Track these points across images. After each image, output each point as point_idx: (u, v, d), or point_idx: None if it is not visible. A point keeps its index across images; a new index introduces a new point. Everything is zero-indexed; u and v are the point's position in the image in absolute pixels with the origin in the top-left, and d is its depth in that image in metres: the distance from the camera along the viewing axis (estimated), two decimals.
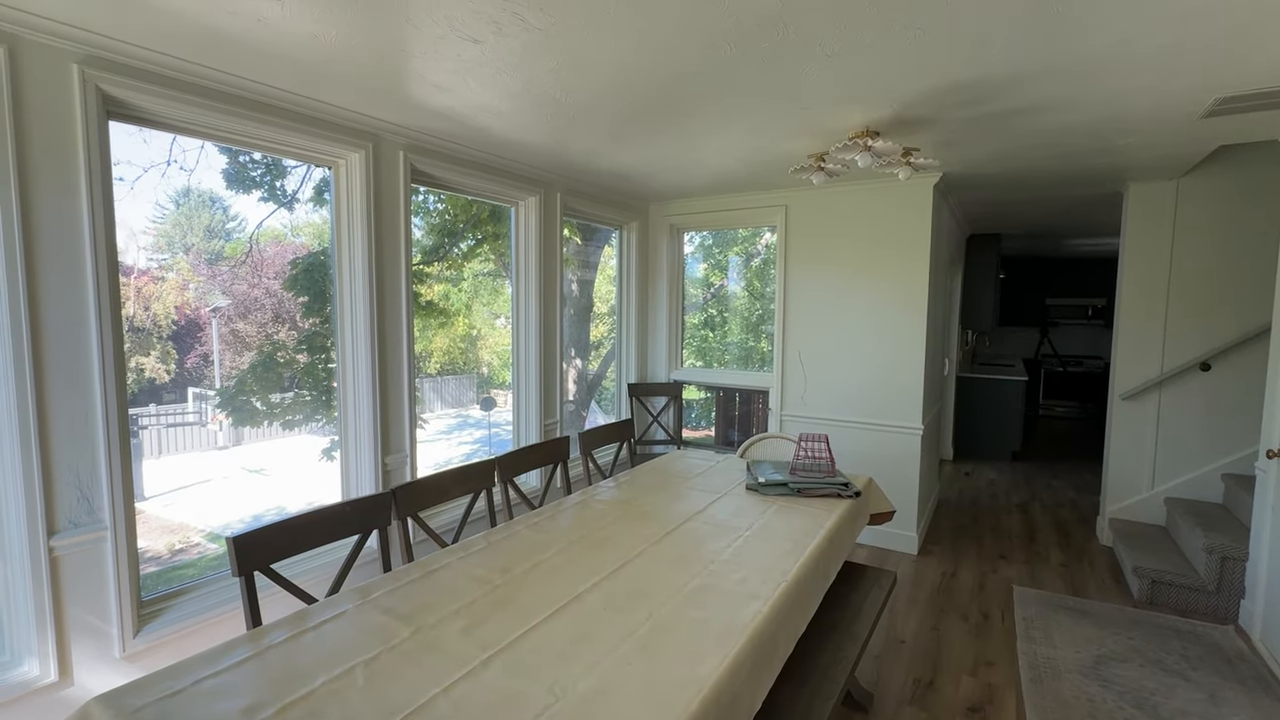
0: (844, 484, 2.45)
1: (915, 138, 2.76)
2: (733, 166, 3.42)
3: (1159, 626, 2.86)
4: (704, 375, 4.68)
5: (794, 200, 3.94)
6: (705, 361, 4.92)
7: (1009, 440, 6.07)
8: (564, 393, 5.26)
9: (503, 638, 1.37)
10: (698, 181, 3.86)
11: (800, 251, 3.96)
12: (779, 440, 3.19)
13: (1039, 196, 4.26)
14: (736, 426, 5.03)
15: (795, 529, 2.10)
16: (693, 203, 4.36)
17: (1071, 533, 4.11)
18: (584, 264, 4.90)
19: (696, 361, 4.91)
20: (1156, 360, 3.69)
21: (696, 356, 4.99)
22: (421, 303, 4.01)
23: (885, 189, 3.61)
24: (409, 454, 2.77)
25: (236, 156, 2.80)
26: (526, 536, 1.97)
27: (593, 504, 2.31)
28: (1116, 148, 2.91)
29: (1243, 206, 3.43)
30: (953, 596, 3.17)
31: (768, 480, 2.49)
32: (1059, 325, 8.43)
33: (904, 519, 3.68)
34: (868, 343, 3.75)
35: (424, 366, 4.11)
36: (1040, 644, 2.70)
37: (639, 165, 3.41)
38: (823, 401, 3.93)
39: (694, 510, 2.25)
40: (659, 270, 4.58)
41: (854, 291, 3.78)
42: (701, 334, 5.23)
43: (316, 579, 2.15)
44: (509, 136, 2.79)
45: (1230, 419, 3.53)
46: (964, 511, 4.54)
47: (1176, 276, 3.62)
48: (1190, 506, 3.49)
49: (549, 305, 3.61)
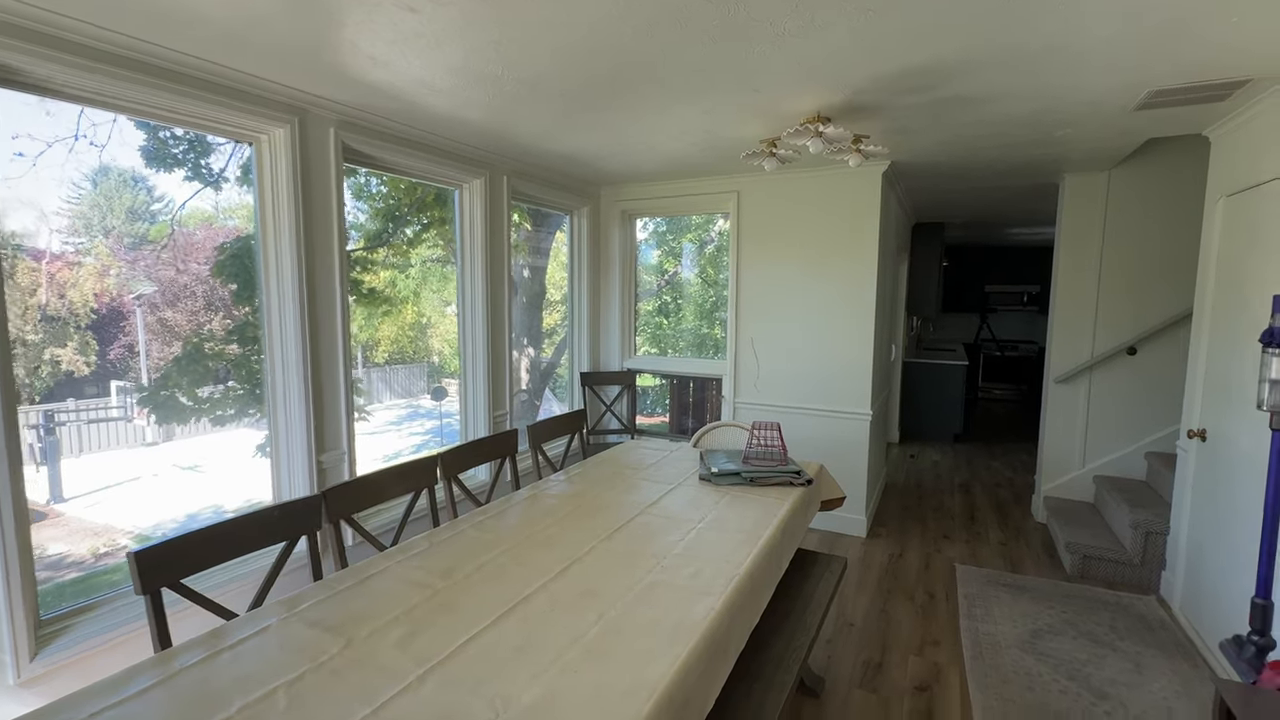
0: (796, 472, 2.45)
1: (866, 125, 2.76)
2: (685, 151, 3.36)
3: (1089, 599, 3.00)
4: (657, 363, 4.64)
5: (746, 187, 3.92)
6: (660, 349, 4.88)
7: (951, 423, 6.29)
8: (517, 382, 5.15)
9: (442, 648, 1.28)
10: (649, 166, 3.79)
11: (752, 238, 3.94)
12: (732, 429, 3.18)
13: (982, 186, 4.37)
14: (691, 414, 5.02)
15: (748, 519, 2.08)
16: (645, 188, 4.28)
17: (1009, 511, 4.28)
18: (535, 250, 4.77)
19: (652, 349, 4.87)
20: (1088, 345, 3.86)
21: (652, 344, 4.95)
22: (364, 290, 3.83)
23: (835, 176, 3.62)
24: (347, 450, 2.63)
25: (156, 132, 2.56)
26: (471, 536, 1.88)
27: (542, 499, 2.24)
28: (1055, 139, 2.99)
29: (1167, 198, 3.60)
30: (900, 577, 3.25)
31: (721, 470, 2.47)
32: (997, 311, 8.78)
33: (853, 503, 3.75)
34: (818, 330, 3.78)
35: (372, 356, 3.94)
36: (981, 621, 2.79)
37: (588, 148, 3.31)
38: (775, 389, 3.95)
39: (646, 503, 2.21)
40: (611, 257, 4.49)
41: (805, 278, 3.79)
42: (656, 321, 5.19)
43: (239, 591, 2.01)
44: (451, 115, 2.65)
45: (1153, 400, 3.73)
46: (910, 493, 4.68)
47: (1107, 265, 3.78)
48: (1117, 484, 3.68)
49: (497, 292, 3.48)
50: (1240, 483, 2.38)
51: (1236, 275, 2.51)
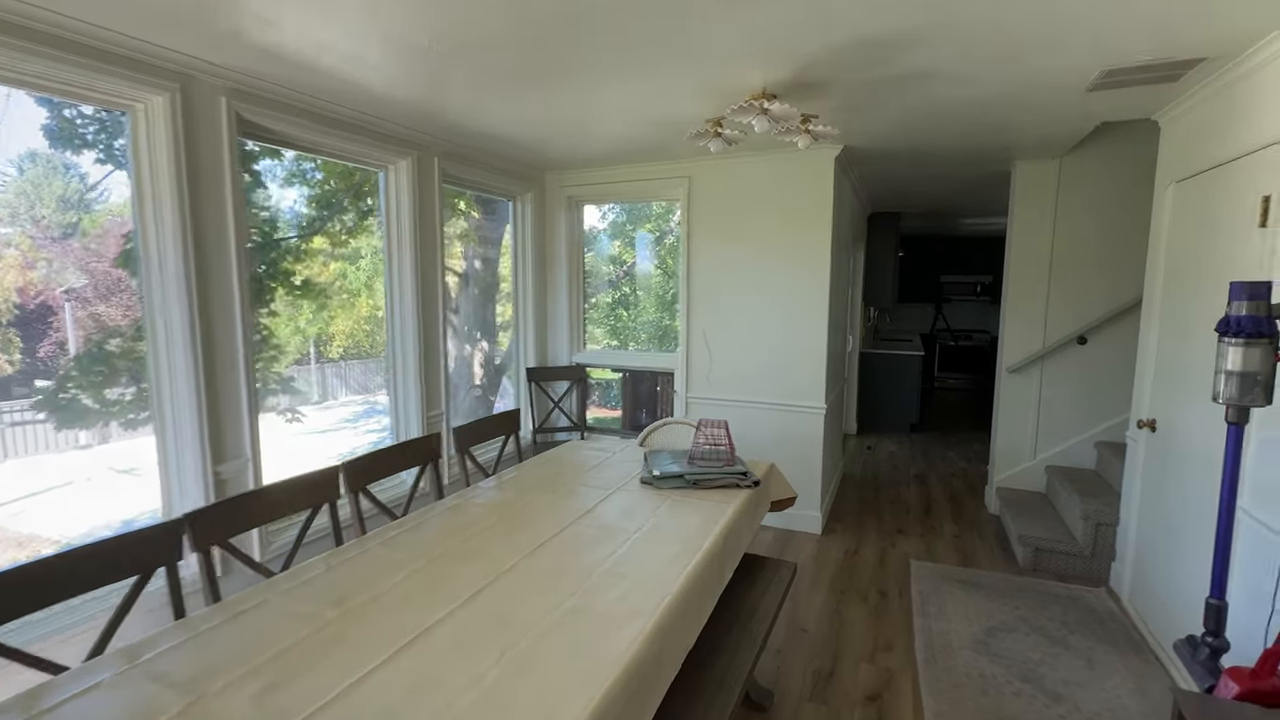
0: (742, 473, 2.31)
1: (815, 104, 2.62)
2: (630, 133, 3.17)
3: (1041, 593, 2.96)
4: (607, 357, 4.46)
5: (697, 172, 3.75)
6: (620, 341, 4.70)
7: (908, 413, 6.29)
8: (470, 377, 4.90)
9: (314, 699, 1.08)
10: (595, 149, 3.58)
11: (704, 226, 3.79)
12: (681, 427, 3.02)
13: (936, 175, 4.30)
14: (645, 409, 4.86)
15: (689, 527, 1.92)
16: (591, 173, 4.08)
17: (963, 503, 4.26)
18: (486, 240, 4.52)
19: (612, 341, 4.69)
20: (1039, 334, 3.83)
21: (612, 336, 4.77)
22: (296, 282, 3.55)
23: (788, 161, 3.49)
24: (251, 458, 2.37)
25: (60, 110, 2.25)
26: (378, 556, 1.67)
27: (467, 509, 2.03)
28: (1008, 123, 2.90)
29: (1116, 186, 3.57)
30: (854, 576, 3.16)
31: (663, 473, 2.31)
32: (951, 301, 8.87)
33: (809, 499, 3.64)
34: (771, 321, 3.65)
35: (326, 351, 3.72)
36: (935, 619, 2.71)
37: (528, 128, 3.09)
38: (728, 383, 3.81)
39: (580, 511, 2.03)
40: (557, 245, 4.28)
41: (758, 268, 3.66)
42: (616, 313, 5.01)
43: (78, 637, 1.75)
44: (367, 86, 2.40)
45: (1103, 389, 3.72)
46: (866, 486, 4.62)
47: (1058, 253, 3.75)
48: (1067, 474, 3.67)
49: (429, 282, 3.23)
50: (1191, 475, 2.34)
51: (1187, 262, 2.46)
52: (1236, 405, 1.66)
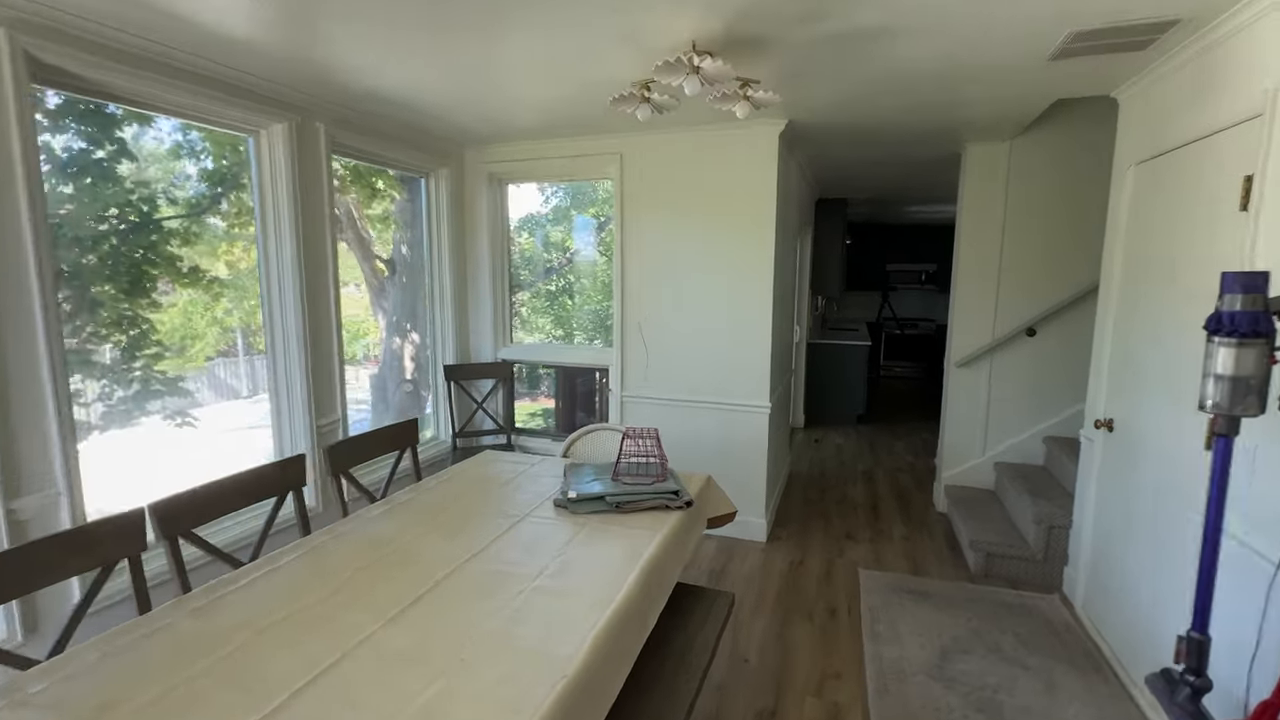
0: (673, 492, 1.99)
1: (754, 67, 2.30)
2: (551, 99, 2.78)
3: (994, 603, 2.78)
4: (537, 352, 4.08)
5: (630, 148, 3.40)
6: (565, 331, 4.32)
7: (855, 404, 6.15)
8: (401, 372, 4.43)
9: None
10: (517, 121, 3.18)
11: (638, 208, 3.44)
12: (609, 434, 2.69)
13: (884, 158, 4.09)
14: (583, 408, 4.51)
15: (606, 565, 1.60)
16: (515, 148, 3.66)
17: (911, 501, 4.10)
18: (409, 223, 4.05)
19: (557, 331, 4.30)
20: (989, 326, 3.67)
21: (557, 325, 4.40)
22: (183, 269, 3.05)
23: (729, 138, 3.17)
24: (67, 491, 1.90)
25: None
26: (183, 632, 1.27)
27: (329, 553, 1.64)
28: (961, 98, 2.66)
29: (1066, 170, 3.42)
30: (800, 591, 2.92)
31: (580, 494, 1.97)
32: (898, 289, 8.84)
33: (753, 506, 3.38)
34: (713, 313, 3.35)
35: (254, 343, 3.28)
36: (886, 642, 2.48)
37: (432, 93, 2.66)
38: (666, 380, 3.50)
39: (475, 549, 1.67)
40: (478, 228, 3.85)
41: (697, 254, 3.34)
42: (560, 301, 4.64)
43: None
44: (197, 23, 1.93)
45: (1052, 383, 3.60)
46: (813, 484, 4.42)
47: (1009, 242, 3.58)
48: (1017, 471, 3.53)
49: (316, 268, 2.78)
50: (1151, 479, 2.16)
51: (1150, 251, 2.28)
52: (1226, 415, 1.43)
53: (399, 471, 2.33)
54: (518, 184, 3.95)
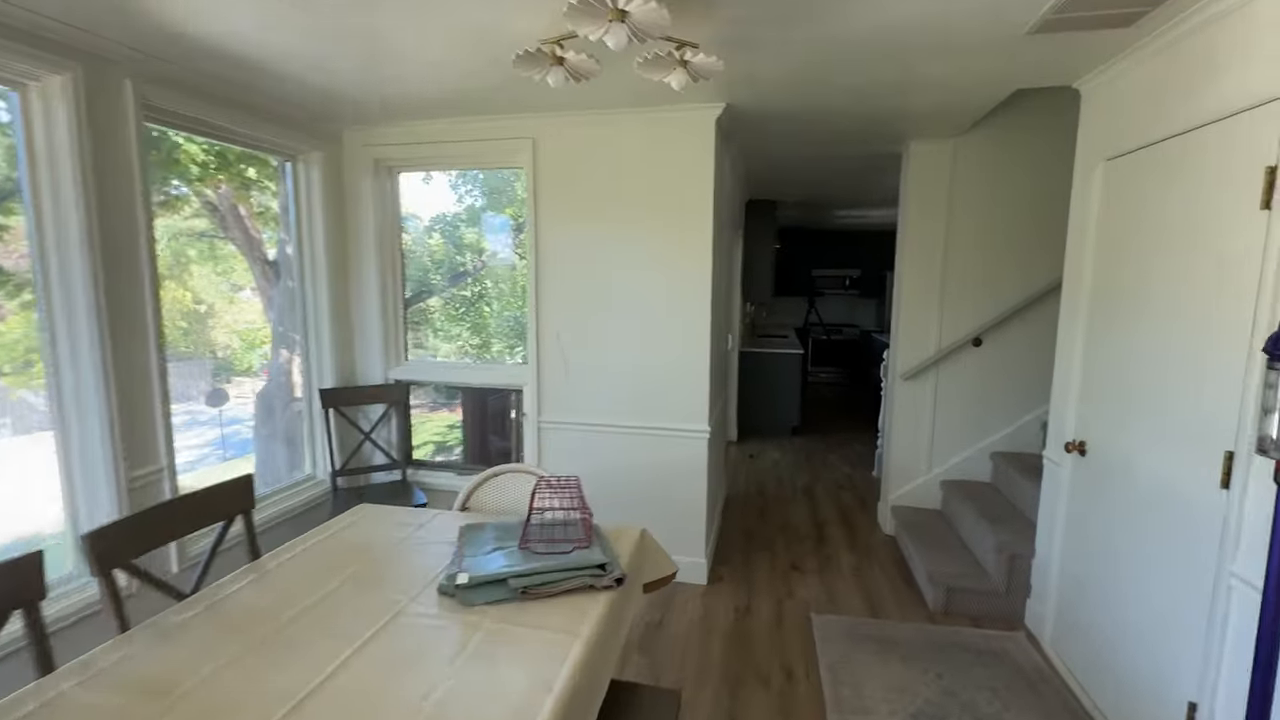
0: (599, 565, 1.52)
1: (692, 27, 1.88)
2: (452, 68, 2.26)
3: (960, 647, 2.50)
4: (436, 372, 3.48)
5: (544, 132, 2.90)
6: (482, 340, 3.75)
7: (789, 415, 5.91)
8: (289, 389, 3.71)
9: None
10: (409, 94, 2.62)
11: (556, 201, 2.95)
12: (520, 477, 2.18)
13: (821, 155, 3.80)
14: (495, 432, 3.94)
15: (512, 692, 1.11)
16: (407, 129, 3.08)
17: (856, 522, 3.83)
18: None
19: (474, 340, 3.71)
20: (934, 336, 3.44)
21: (473, 333, 3.82)
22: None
23: (659, 121, 2.75)
24: None
25: None
26: None
27: (72, 704, 1.06)
28: (916, 79, 2.36)
29: (1012, 172, 3.24)
30: (750, 646, 2.52)
31: (475, 578, 1.46)
32: (824, 295, 8.79)
33: (692, 544, 2.97)
34: (642, 321, 2.91)
35: None
36: (853, 712, 2.11)
37: (293, 47, 2.06)
38: (589, 402, 3.02)
39: (314, 680, 1.13)
40: (363, 225, 3.23)
41: (625, 255, 2.89)
42: (477, 308, 4.06)
43: None
44: None
45: (999, 395, 3.41)
46: (752, 506, 4.07)
47: (952, 248, 3.37)
48: (966, 490, 3.32)
49: (121, 268, 2.10)
50: (1138, 514, 1.91)
51: (1130, 256, 2.03)
52: None
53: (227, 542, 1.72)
54: (413, 173, 3.36)
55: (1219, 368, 1.60)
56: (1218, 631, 1.58)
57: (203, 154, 3.09)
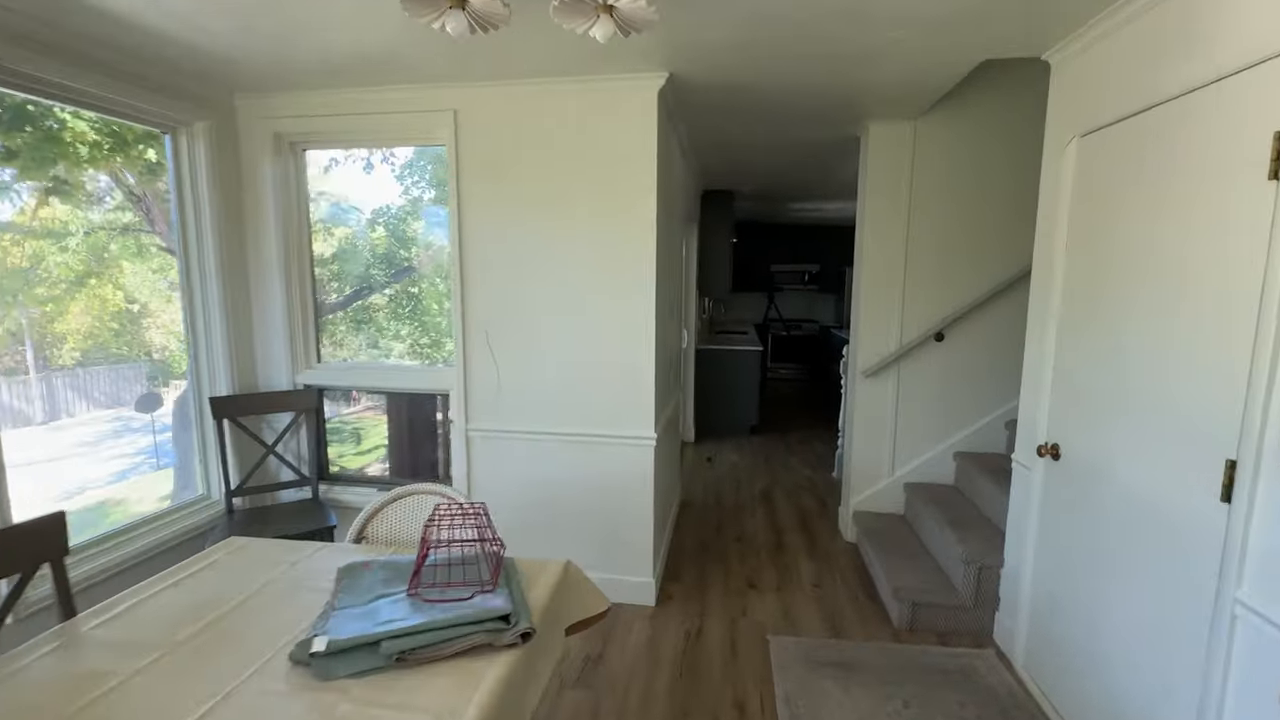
0: (503, 617, 1.23)
1: None
2: (331, 22, 1.91)
3: (927, 668, 2.29)
4: (349, 375, 3.11)
5: (467, 104, 2.58)
6: (433, 340, 3.37)
7: (748, 414, 5.71)
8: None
9: None
10: (307, 55, 2.25)
11: (480, 181, 2.63)
12: (433, 499, 1.87)
13: (775, 139, 3.57)
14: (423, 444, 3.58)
15: None
16: (311, 99, 2.70)
17: (816, 529, 3.62)
18: None
19: (422, 339, 3.34)
20: (896, 332, 3.25)
21: (422, 333, 3.45)
22: None
23: (595, 92, 2.46)
24: None
25: None
26: None
27: None
28: (879, 49, 2.13)
29: (974, 155, 3.06)
30: (700, 676, 2.26)
31: (334, 643, 1.14)
32: (783, 290, 8.64)
33: (638, 563, 2.70)
34: (580, 316, 2.61)
35: (54, 356, 2.52)
36: None
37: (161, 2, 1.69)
38: (522, 407, 2.71)
39: None
40: (262, 208, 2.83)
41: (557, 241, 2.59)
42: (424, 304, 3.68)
43: None
44: None
45: (961, 392, 3.25)
46: (708, 515, 3.83)
47: (914, 237, 3.18)
48: (928, 493, 3.14)
49: None
50: (1119, 522, 1.72)
51: (1110, 242, 1.84)
52: None
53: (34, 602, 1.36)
54: (321, 150, 2.98)
55: (1217, 364, 1.41)
56: (1219, 665, 1.38)
57: (93, 133, 2.68)
